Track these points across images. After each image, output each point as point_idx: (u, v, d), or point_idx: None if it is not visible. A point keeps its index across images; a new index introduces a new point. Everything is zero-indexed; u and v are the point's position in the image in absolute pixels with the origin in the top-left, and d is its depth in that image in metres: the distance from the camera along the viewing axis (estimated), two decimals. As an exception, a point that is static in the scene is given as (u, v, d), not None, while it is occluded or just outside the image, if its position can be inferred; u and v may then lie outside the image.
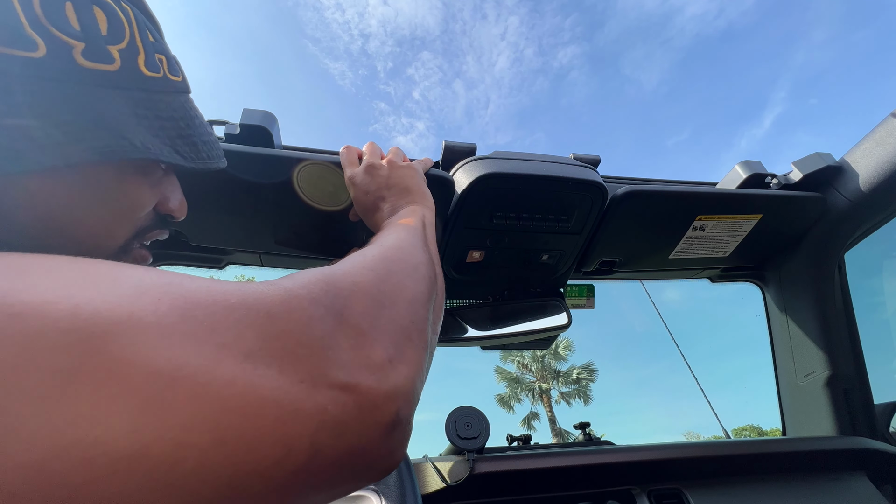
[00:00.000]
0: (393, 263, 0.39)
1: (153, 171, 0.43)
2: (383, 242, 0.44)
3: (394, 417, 0.28)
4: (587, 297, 1.13)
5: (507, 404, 18.64)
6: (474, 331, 0.92)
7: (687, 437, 13.77)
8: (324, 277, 0.31)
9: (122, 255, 0.42)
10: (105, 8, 0.35)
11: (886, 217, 0.96)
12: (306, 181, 0.71)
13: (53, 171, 0.33)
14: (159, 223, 0.47)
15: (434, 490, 0.80)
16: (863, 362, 1.05)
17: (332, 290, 0.30)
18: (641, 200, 0.86)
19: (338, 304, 0.30)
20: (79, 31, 0.33)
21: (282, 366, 0.24)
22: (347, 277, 0.33)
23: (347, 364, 0.27)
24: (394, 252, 0.41)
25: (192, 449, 0.20)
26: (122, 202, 0.40)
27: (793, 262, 1.10)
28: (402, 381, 0.29)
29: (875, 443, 0.95)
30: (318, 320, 0.27)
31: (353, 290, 0.32)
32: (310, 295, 0.28)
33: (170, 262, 0.93)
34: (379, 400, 0.27)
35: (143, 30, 0.39)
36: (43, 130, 0.32)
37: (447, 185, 0.76)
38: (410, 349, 0.32)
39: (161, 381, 0.20)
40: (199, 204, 0.77)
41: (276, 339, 0.25)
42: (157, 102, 0.39)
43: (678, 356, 1.28)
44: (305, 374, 0.25)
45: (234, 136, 0.73)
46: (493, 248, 0.89)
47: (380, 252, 0.40)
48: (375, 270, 0.36)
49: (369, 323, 0.31)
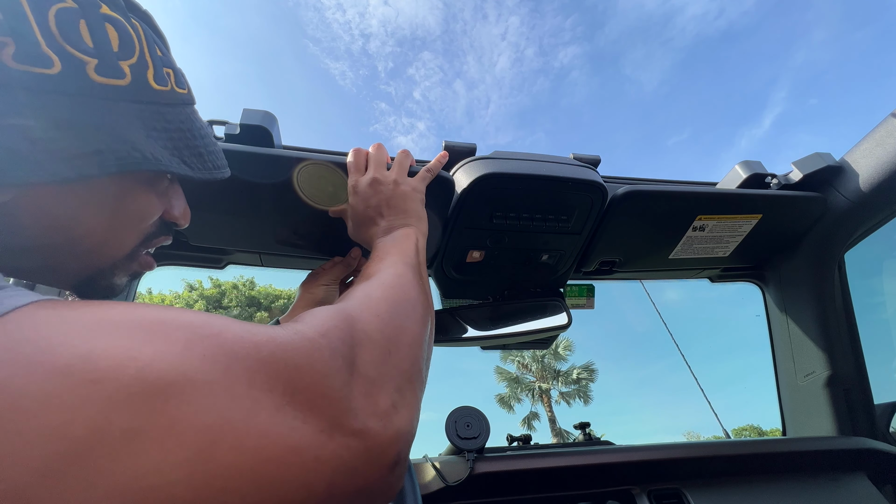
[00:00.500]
0: (396, 306, 0.42)
1: (160, 182, 0.45)
2: (384, 279, 0.47)
3: (396, 458, 0.32)
4: (587, 297, 1.13)
5: (507, 404, 18.64)
6: (474, 331, 0.92)
7: (687, 437, 13.77)
8: (340, 325, 0.34)
9: (129, 261, 0.44)
10: (116, 25, 0.36)
11: (886, 217, 0.96)
12: (306, 181, 0.71)
13: (66, 183, 0.35)
14: (164, 230, 0.48)
15: (434, 490, 0.80)
16: (863, 362, 1.05)
17: (348, 339, 0.34)
18: (641, 200, 0.86)
19: (352, 355, 0.33)
20: (92, 48, 0.34)
21: (306, 417, 0.27)
22: (359, 326, 0.36)
23: (359, 412, 0.30)
24: (396, 293, 0.45)
25: (234, 493, 0.23)
26: (131, 212, 0.41)
27: (793, 262, 1.10)
28: (404, 424, 0.33)
29: (875, 443, 0.95)
30: (336, 372, 0.31)
31: (364, 341, 0.35)
32: (329, 346, 0.32)
33: (170, 263, 0.93)
34: (385, 444, 0.31)
35: (152, 44, 0.40)
36: (59, 143, 0.33)
37: (447, 185, 0.76)
38: (410, 392, 0.36)
39: (210, 435, 0.23)
40: (199, 204, 0.77)
41: (301, 393, 0.28)
42: (165, 115, 0.41)
43: (678, 356, 1.28)
44: (325, 424, 0.28)
45: (234, 136, 0.73)
46: (493, 248, 0.89)
47: (383, 293, 0.43)
48: (381, 316, 0.39)
49: (377, 371, 0.34)
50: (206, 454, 0.23)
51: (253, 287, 14.28)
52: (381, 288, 0.44)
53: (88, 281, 0.42)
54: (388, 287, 0.45)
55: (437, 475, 0.81)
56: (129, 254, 0.44)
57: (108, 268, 0.43)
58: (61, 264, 0.39)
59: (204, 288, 13.83)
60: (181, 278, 15.64)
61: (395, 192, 0.62)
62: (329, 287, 0.80)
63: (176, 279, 21.39)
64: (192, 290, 13.77)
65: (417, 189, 0.65)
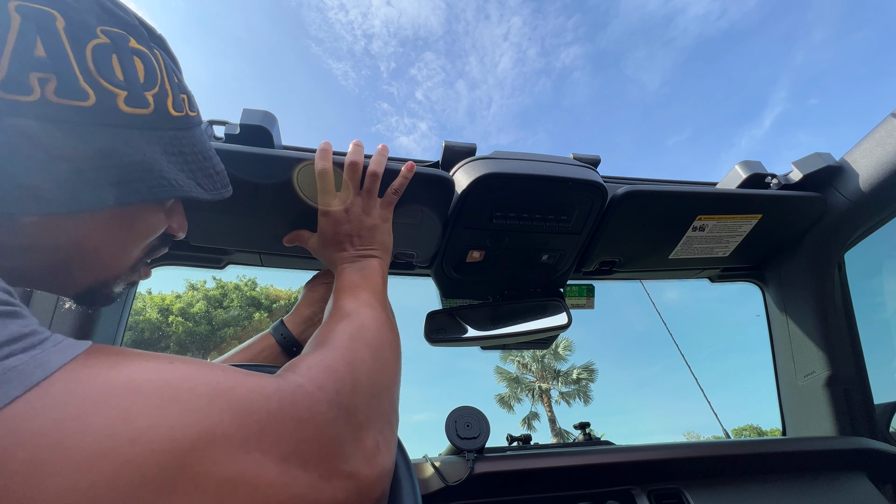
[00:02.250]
0: (378, 351, 0.46)
1: (169, 201, 0.47)
2: (364, 322, 0.50)
3: (382, 493, 0.36)
4: (587, 297, 1.13)
5: (507, 404, 18.64)
6: (474, 331, 0.92)
7: (687, 437, 13.76)
8: (333, 376, 0.38)
9: (131, 273, 0.46)
10: (142, 57, 0.38)
11: (886, 217, 0.96)
12: (306, 181, 0.71)
13: (97, 209, 0.37)
14: (164, 241, 0.51)
15: (434, 490, 0.80)
16: (863, 362, 1.05)
17: (342, 389, 0.37)
18: (641, 200, 0.86)
19: (346, 404, 0.36)
20: (122, 81, 0.36)
21: (307, 465, 0.31)
22: (350, 374, 0.39)
23: (350, 456, 0.34)
24: (376, 337, 0.48)
25: None
26: (141, 231, 0.44)
27: (793, 262, 1.10)
28: (387, 462, 0.38)
29: (875, 443, 0.95)
30: (332, 422, 0.34)
31: (355, 388, 0.38)
32: (326, 398, 0.35)
33: (170, 263, 0.93)
34: (373, 482, 0.35)
35: (171, 73, 0.42)
36: (96, 173, 0.35)
37: (447, 185, 0.76)
38: (390, 431, 0.40)
39: (227, 486, 0.26)
40: (199, 204, 0.77)
41: (304, 443, 0.31)
42: (181, 140, 0.43)
43: (678, 356, 1.28)
44: (323, 470, 0.32)
45: (234, 136, 0.73)
46: (493, 248, 0.89)
47: (364, 339, 0.47)
48: (366, 362, 0.43)
49: (366, 416, 0.38)
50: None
51: (254, 287, 14.29)
52: (363, 333, 0.47)
53: (90, 291, 0.44)
54: (368, 331, 0.48)
55: (437, 475, 0.81)
56: (132, 266, 0.46)
57: (112, 279, 0.44)
58: (69, 277, 0.41)
59: (207, 288, 13.83)
60: (183, 278, 15.66)
61: (363, 223, 0.64)
62: (330, 285, 0.81)
63: (178, 279, 21.38)
64: (195, 289, 13.78)
65: (385, 219, 0.67)
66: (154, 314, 12.76)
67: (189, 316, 12.97)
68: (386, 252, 0.66)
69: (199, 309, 13.04)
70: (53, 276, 0.40)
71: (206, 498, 0.25)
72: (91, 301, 0.45)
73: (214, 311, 13.34)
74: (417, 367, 41.55)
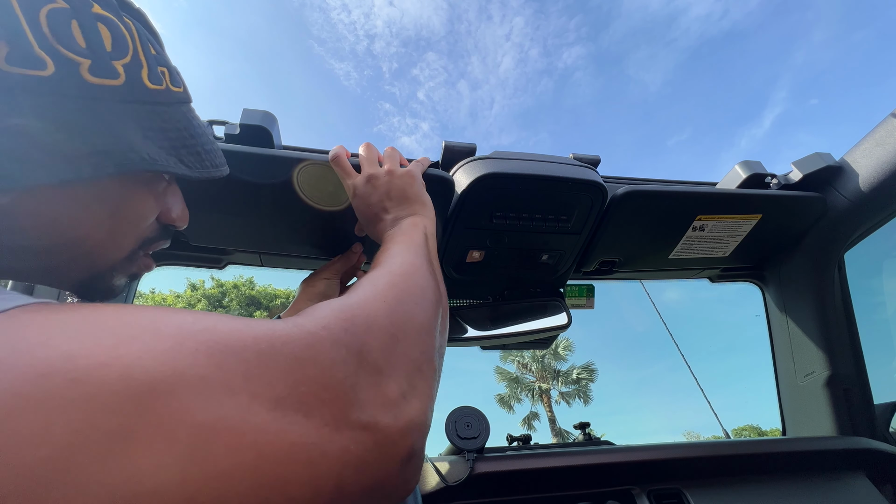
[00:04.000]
0: (403, 292, 0.40)
1: (158, 183, 0.44)
2: (391, 267, 0.45)
3: (409, 451, 0.30)
4: (587, 297, 1.13)
5: (507, 404, 18.64)
6: (474, 331, 0.92)
7: (687, 437, 13.76)
8: (343, 314, 0.33)
9: (127, 263, 0.44)
10: (108, 24, 0.36)
11: (886, 217, 0.96)
12: (306, 181, 0.71)
13: (64, 185, 0.34)
14: (163, 233, 0.48)
15: (434, 490, 0.80)
16: (863, 362, 1.05)
17: (351, 328, 0.32)
18: (641, 200, 0.86)
19: (357, 344, 0.31)
20: (84, 49, 0.34)
21: (308, 411, 0.26)
22: (363, 312, 0.34)
23: (366, 403, 0.29)
24: (402, 279, 0.43)
25: (233, 494, 0.22)
26: (129, 214, 0.41)
27: (793, 262, 1.10)
28: (416, 414, 0.31)
29: (875, 443, 0.95)
30: (340, 363, 0.29)
31: (369, 327, 0.33)
32: (331, 336, 0.30)
33: (170, 263, 0.94)
34: (396, 436, 0.29)
35: (146, 43, 0.40)
36: (57, 145, 0.33)
37: (447, 185, 0.76)
38: (421, 381, 0.34)
39: (203, 433, 0.22)
40: (199, 204, 0.77)
41: (302, 385, 0.26)
42: (160, 114, 0.40)
43: (678, 356, 1.28)
44: (330, 418, 0.26)
45: (234, 136, 0.73)
46: (493, 248, 0.89)
47: (389, 280, 0.42)
48: (388, 302, 0.37)
49: (385, 359, 0.32)
50: (201, 454, 0.21)
51: (253, 287, 14.28)
52: (388, 275, 0.43)
53: (88, 282, 0.42)
54: (394, 274, 0.43)
55: (437, 475, 0.81)
56: (128, 256, 0.43)
57: (108, 270, 0.42)
58: (60, 266, 0.39)
59: (206, 287, 13.83)
60: (184, 277, 15.65)
61: (392, 182, 0.61)
62: (330, 281, 0.79)
63: (178, 279, 21.37)
64: (195, 289, 13.78)
65: (413, 174, 0.63)
66: (154, 314, 12.76)
67: (189, 316, 12.99)
68: (425, 207, 0.61)
69: (200, 308, 13.05)
70: (41, 265, 0.38)
71: (177, 445, 0.21)
72: (91, 294, 0.43)
73: (215, 310, 13.36)
74: (417, 366, 41.31)
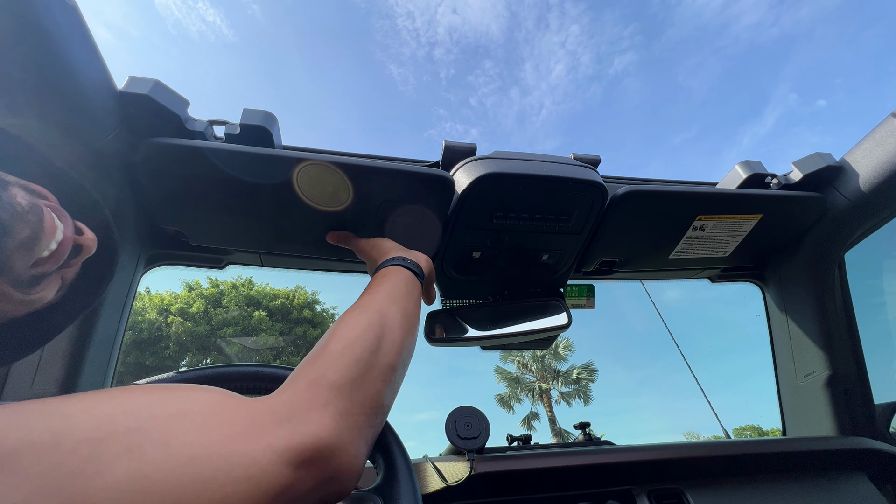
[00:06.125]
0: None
1: None
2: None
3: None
4: (587, 297, 1.13)
5: (507, 404, 18.63)
6: (474, 331, 0.92)
7: (687, 437, 13.76)
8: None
9: (20, 289, 0.42)
10: None
11: (886, 217, 0.96)
12: (306, 181, 0.71)
13: None
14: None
15: (434, 490, 0.80)
16: (863, 362, 1.05)
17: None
18: (641, 200, 0.86)
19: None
20: None
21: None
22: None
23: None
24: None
25: None
26: None
27: (793, 262, 1.10)
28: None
29: (875, 443, 0.95)
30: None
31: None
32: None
33: (170, 263, 0.93)
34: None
35: None
36: None
37: (447, 185, 0.76)
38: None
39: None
40: (199, 204, 0.77)
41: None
42: None
43: (678, 356, 1.28)
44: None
45: (234, 136, 0.73)
46: (493, 248, 0.89)
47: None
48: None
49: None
50: None
51: (252, 287, 14.27)
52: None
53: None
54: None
55: (437, 475, 0.81)
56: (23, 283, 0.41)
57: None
58: None
59: (203, 288, 13.82)
60: (179, 278, 15.64)
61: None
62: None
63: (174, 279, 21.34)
64: (191, 290, 13.77)
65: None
66: (153, 314, 12.75)
67: (189, 316, 12.96)
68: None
69: (197, 308, 13.03)
70: None
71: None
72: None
73: (213, 310, 13.33)
74: (418, 367, 41.51)
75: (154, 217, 0.81)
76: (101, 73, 0.62)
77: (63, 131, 0.62)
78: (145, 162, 0.69)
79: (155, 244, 0.88)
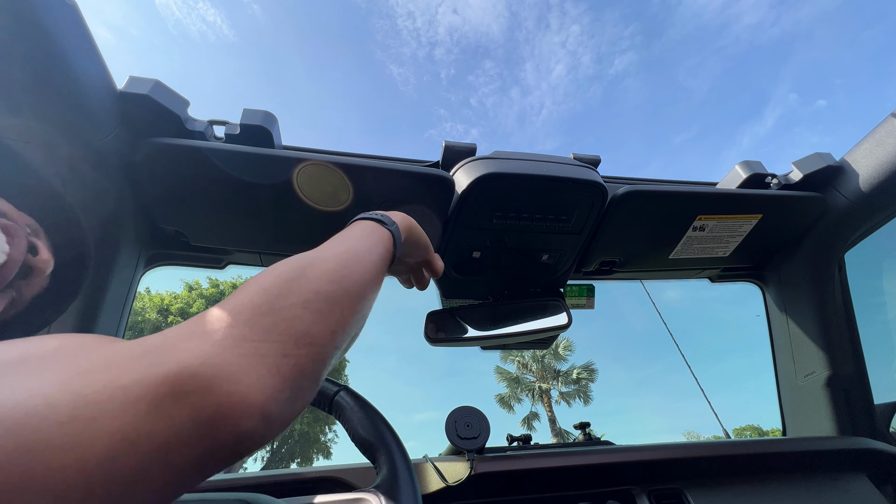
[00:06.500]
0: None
1: None
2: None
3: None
4: (587, 297, 1.13)
5: (507, 404, 18.63)
6: (474, 331, 0.92)
7: (687, 437, 13.76)
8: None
9: None
10: None
11: (886, 217, 0.96)
12: (306, 181, 0.71)
13: None
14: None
15: (434, 490, 0.80)
16: (863, 362, 1.05)
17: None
18: (641, 200, 0.86)
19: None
20: None
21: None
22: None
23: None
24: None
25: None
26: None
27: (793, 262, 1.10)
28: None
29: (875, 443, 0.95)
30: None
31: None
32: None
33: (170, 263, 0.93)
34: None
35: None
36: None
37: (447, 185, 0.76)
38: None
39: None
40: (199, 204, 0.77)
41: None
42: None
43: (678, 356, 1.28)
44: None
45: (234, 137, 0.73)
46: (494, 248, 0.89)
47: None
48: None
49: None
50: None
51: (252, 287, 14.25)
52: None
53: None
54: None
55: (437, 475, 0.81)
56: None
57: None
58: None
59: (203, 288, 13.83)
60: (179, 278, 15.64)
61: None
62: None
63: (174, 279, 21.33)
64: (192, 290, 13.77)
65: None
66: (153, 314, 12.77)
67: (189, 316, 13.00)
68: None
69: (197, 308, 13.04)
70: None
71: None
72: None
73: (214, 311, 13.34)
74: (419, 367, 41.48)
75: (154, 217, 0.81)
76: (101, 73, 0.62)
77: (63, 131, 0.62)
78: (145, 162, 0.69)
79: (155, 244, 0.88)
